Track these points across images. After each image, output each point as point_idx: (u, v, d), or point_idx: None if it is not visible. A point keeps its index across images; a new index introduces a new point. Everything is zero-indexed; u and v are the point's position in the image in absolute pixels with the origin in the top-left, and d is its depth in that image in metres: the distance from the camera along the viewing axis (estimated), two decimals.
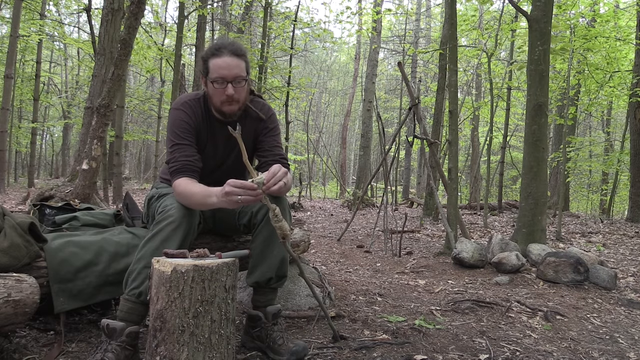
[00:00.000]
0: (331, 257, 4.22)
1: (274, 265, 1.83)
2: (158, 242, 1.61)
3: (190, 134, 1.83)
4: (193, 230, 1.71)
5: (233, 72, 1.75)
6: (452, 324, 2.27)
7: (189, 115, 1.84)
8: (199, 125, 1.87)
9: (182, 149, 1.79)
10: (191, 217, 1.68)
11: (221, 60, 1.75)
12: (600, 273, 3.28)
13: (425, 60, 14.35)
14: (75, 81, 19.21)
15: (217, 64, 1.75)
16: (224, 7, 13.02)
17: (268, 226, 1.79)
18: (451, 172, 4.55)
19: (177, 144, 1.80)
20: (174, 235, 1.62)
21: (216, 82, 1.76)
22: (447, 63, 5.70)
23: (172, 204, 1.69)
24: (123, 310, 1.60)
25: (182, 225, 1.64)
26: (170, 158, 1.79)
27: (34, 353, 1.63)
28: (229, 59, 1.75)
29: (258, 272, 1.84)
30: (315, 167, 27.22)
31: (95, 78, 5.77)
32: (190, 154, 1.79)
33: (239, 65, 1.76)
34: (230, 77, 1.75)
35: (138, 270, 1.61)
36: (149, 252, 1.61)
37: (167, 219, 1.64)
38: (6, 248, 1.59)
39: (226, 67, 1.74)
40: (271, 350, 1.78)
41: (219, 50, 1.76)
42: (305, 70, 25.02)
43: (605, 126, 14.22)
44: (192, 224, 1.69)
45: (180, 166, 1.75)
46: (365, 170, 12.98)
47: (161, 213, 1.68)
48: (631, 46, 8.38)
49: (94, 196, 3.78)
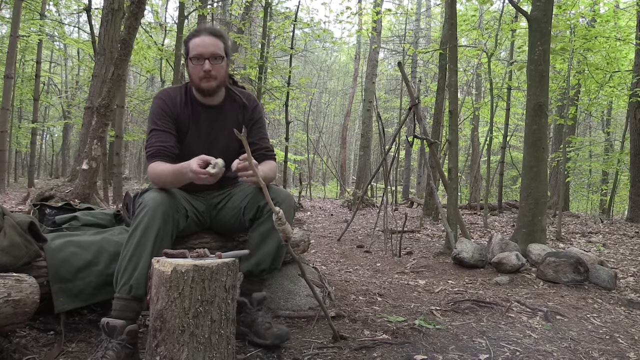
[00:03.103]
0: (331, 257, 4.22)
1: (269, 257, 1.89)
2: (139, 234, 1.64)
3: (167, 120, 1.90)
4: (173, 218, 1.72)
5: (209, 49, 1.85)
6: (452, 324, 2.27)
7: (167, 103, 1.92)
8: (178, 111, 1.93)
9: (158, 135, 1.87)
10: (168, 204, 1.71)
11: (199, 39, 1.86)
12: (600, 273, 3.28)
13: (425, 60, 14.35)
14: (75, 81, 19.20)
15: (195, 42, 1.87)
16: (224, 7, 13.02)
17: (270, 220, 1.82)
18: (451, 172, 4.55)
19: (153, 129, 1.89)
20: (152, 223, 1.64)
21: (194, 59, 1.85)
22: (447, 63, 5.70)
23: (148, 196, 1.73)
24: (116, 308, 1.61)
25: (157, 213, 1.66)
26: (147, 144, 1.87)
27: (34, 353, 1.63)
28: (207, 38, 1.86)
29: (253, 261, 1.89)
30: (315, 167, 27.21)
31: (95, 78, 5.77)
32: (166, 140, 1.87)
33: (215, 43, 1.86)
34: (207, 54, 1.84)
35: (124, 266, 1.63)
36: (132, 247, 1.63)
37: (143, 210, 1.67)
38: (6, 247, 1.59)
39: (203, 45, 1.85)
40: (255, 334, 1.84)
41: (198, 31, 1.90)
42: (305, 70, 25.00)
43: (605, 126, 14.22)
44: (169, 211, 1.70)
45: (154, 151, 1.84)
46: (365, 170, 12.98)
47: (139, 207, 1.71)
48: (631, 46, 8.38)
49: (94, 196, 3.78)
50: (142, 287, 1.60)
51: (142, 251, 1.62)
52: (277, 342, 1.79)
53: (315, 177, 26.77)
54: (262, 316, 1.88)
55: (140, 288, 1.60)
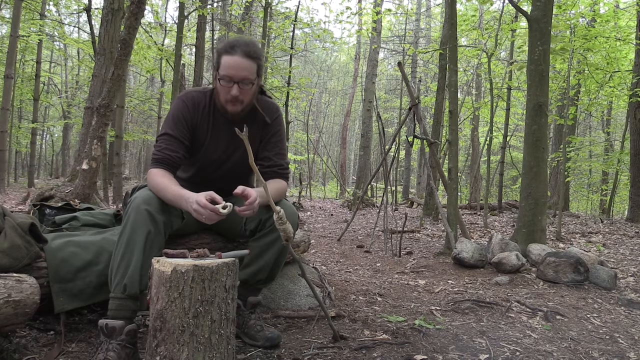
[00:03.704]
0: (331, 257, 4.22)
1: (267, 268, 1.88)
2: (128, 232, 1.62)
3: (184, 128, 1.85)
4: (164, 216, 1.69)
5: (241, 73, 1.74)
6: (452, 324, 2.27)
7: (189, 109, 1.86)
8: (199, 119, 1.88)
9: (170, 142, 1.82)
10: (156, 201, 1.67)
11: (232, 60, 1.73)
12: (600, 273, 3.28)
13: (425, 60, 14.35)
14: (75, 81, 19.20)
15: (227, 62, 1.74)
16: (224, 7, 13.01)
17: (273, 233, 1.82)
18: (451, 172, 4.55)
19: (168, 134, 1.83)
20: (139, 220, 1.62)
21: (223, 80, 1.76)
22: (447, 63, 5.70)
23: (138, 194, 1.70)
24: (112, 308, 1.60)
25: (144, 211, 1.63)
26: (156, 146, 1.83)
27: (34, 353, 1.63)
28: (240, 60, 1.73)
29: (250, 270, 1.88)
30: (315, 167, 27.21)
31: (95, 78, 5.78)
32: (175, 150, 1.82)
33: (248, 67, 1.75)
34: (237, 78, 1.75)
35: (117, 265, 1.62)
36: (123, 246, 1.62)
37: (131, 207, 1.65)
38: (6, 249, 1.59)
39: (235, 67, 1.73)
40: (247, 336, 1.85)
41: (233, 48, 1.75)
42: (305, 70, 25.00)
43: (605, 126, 14.21)
44: (158, 209, 1.67)
45: (161, 157, 1.79)
46: (365, 170, 12.97)
47: (129, 204, 1.70)
48: (631, 46, 8.38)
49: (94, 196, 3.78)
50: (136, 285, 1.59)
51: (133, 249, 1.60)
52: (267, 344, 1.81)
53: (315, 177, 26.78)
54: (255, 319, 1.89)
55: (134, 286, 1.59)
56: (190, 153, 1.91)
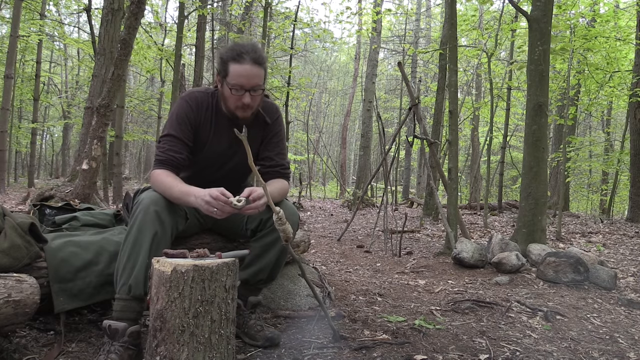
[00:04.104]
0: (331, 257, 4.22)
1: (268, 268, 1.88)
2: (134, 233, 1.62)
3: (187, 129, 1.84)
4: (170, 217, 1.68)
5: (252, 81, 1.74)
6: (452, 324, 2.27)
7: (192, 109, 1.85)
8: (202, 120, 1.87)
9: (173, 142, 1.81)
10: (163, 203, 1.67)
11: (242, 68, 1.72)
12: (600, 273, 3.28)
13: (425, 60, 14.35)
14: (75, 81, 19.21)
15: (237, 70, 1.73)
16: (224, 7, 13.01)
17: (274, 233, 1.81)
18: (451, 172, 4.55)
19: (172, 135, 1.82)
20: (146, 221, 1.62)
21: (234, 89, 1.75)
22: (447, 63, 5.70)
23: (145, 195, 1.70)
24: (117, 309, 1.60)
25: (152, 212, 1.62)
26: (159, 147, 1.81)
27: (34, 353, 1.63)
28: (250, 68, 1.72)
29: (251, 270, 1.88)
30: (315, 167, 27.21)
31: (95, 78, 5.78)
32: (179, 151, 1.81)
33: (258, 74, 1.75)
34: (248, 86, 1.74)
35: (122, 266, 1.62)
36: (129, 247, 1.61)
37: (138, 209, 1.65)
38: (6, 249, 1.59)
39: (246, 75, 1.73)
40: (247, 336, 1.86)
41: (241, 56, 1.73)
42: (305, 70, 24.99)
43: (605, 126, 14.21)
44: (165, 209, 1.66)
45: (165, 158, 1.78)
46: (365, 170, 12.97)
47: (135, 205, 1.69)
48: (631, 46, 8.38)
49: (94, 196, 3.78)
50: (141, 287, 1.59)
51: (139, 250, 1.60)
52: (267, 344, 1.81)
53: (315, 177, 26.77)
54: (255, 319, 1.90)
55: (139, 287, 1.59)
56: (193, 153, 1.91)
